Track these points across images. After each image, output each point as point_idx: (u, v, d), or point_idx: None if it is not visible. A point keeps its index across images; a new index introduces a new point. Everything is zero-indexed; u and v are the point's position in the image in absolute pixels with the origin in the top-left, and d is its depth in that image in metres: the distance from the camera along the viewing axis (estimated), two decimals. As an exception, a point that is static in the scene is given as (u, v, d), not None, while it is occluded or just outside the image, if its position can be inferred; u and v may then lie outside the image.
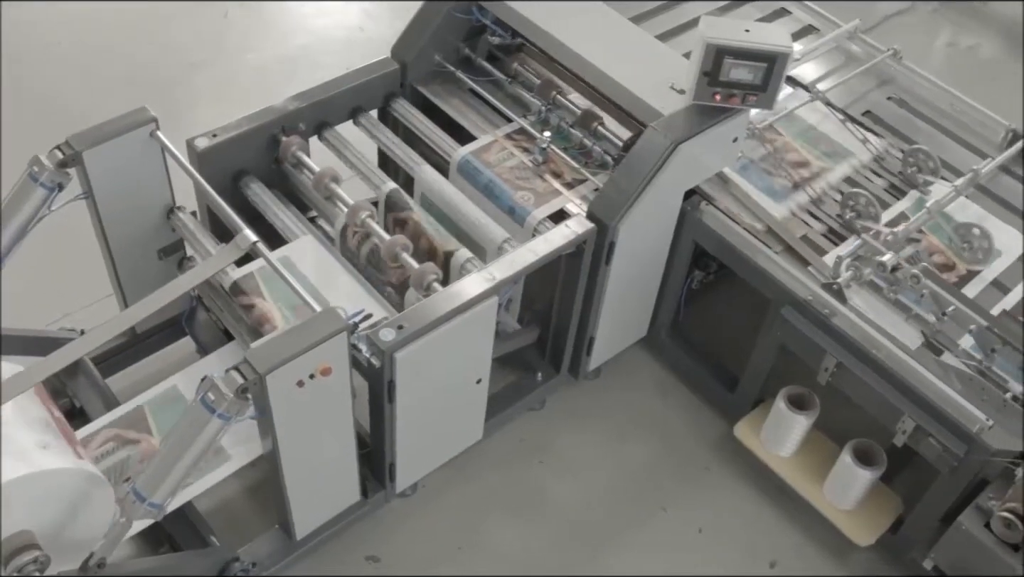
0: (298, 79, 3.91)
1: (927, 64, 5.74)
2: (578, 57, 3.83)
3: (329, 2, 6.12)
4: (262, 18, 5.97)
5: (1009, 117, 4.40)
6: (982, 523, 3.19)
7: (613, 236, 3.52)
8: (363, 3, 6.12)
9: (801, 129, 4.22)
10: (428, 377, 3.28)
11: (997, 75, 6.37)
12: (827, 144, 4.17)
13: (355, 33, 5.86)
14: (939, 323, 3.50)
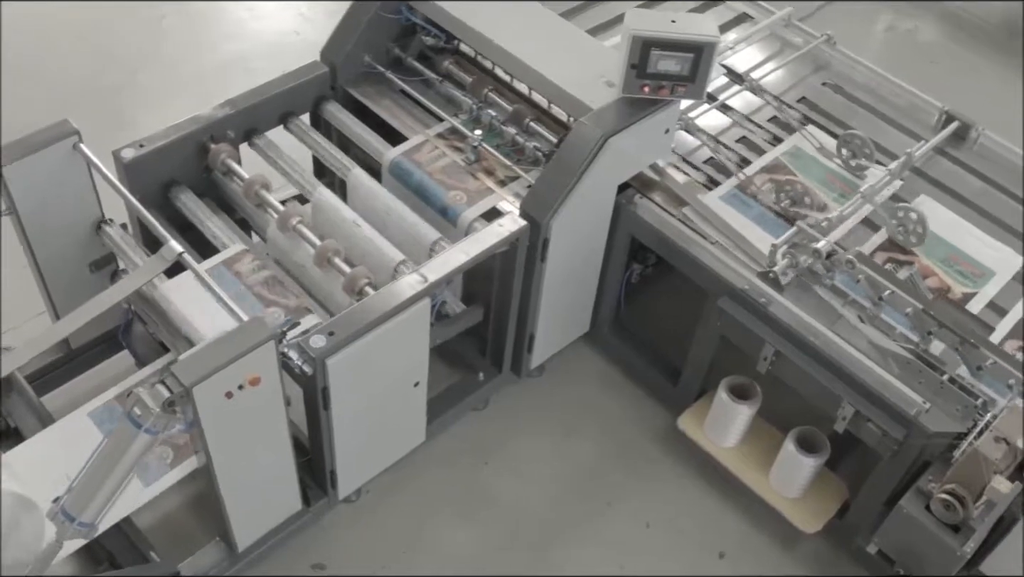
0: (237, 85, 3.85)
1: (866, 49, 5.80)
2: (507, 54, 3.80)
3: (265, 7, 6.07)
4: (198, 24, 5.91)
5: (947, 99, 4.40)
6: (923, 505, 3.19)
7: (546, 233, 3.50)
8: (299, 6, 6.07)
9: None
10: (363, 382, 3.25)
11: (936, 58, 6.39)
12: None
13: (290, 37, 5.81)
14: (876, 308, 3.49)
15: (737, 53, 4.54)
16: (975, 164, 4.25)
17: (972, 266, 3.74)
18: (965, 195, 4.09)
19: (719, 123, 4.21)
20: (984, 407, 3.27)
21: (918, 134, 4.30)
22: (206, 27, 5.92)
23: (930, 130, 4.34)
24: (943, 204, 4.00)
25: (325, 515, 3.71)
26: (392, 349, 3.26)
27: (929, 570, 3.25)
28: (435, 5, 3.92)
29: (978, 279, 3.69)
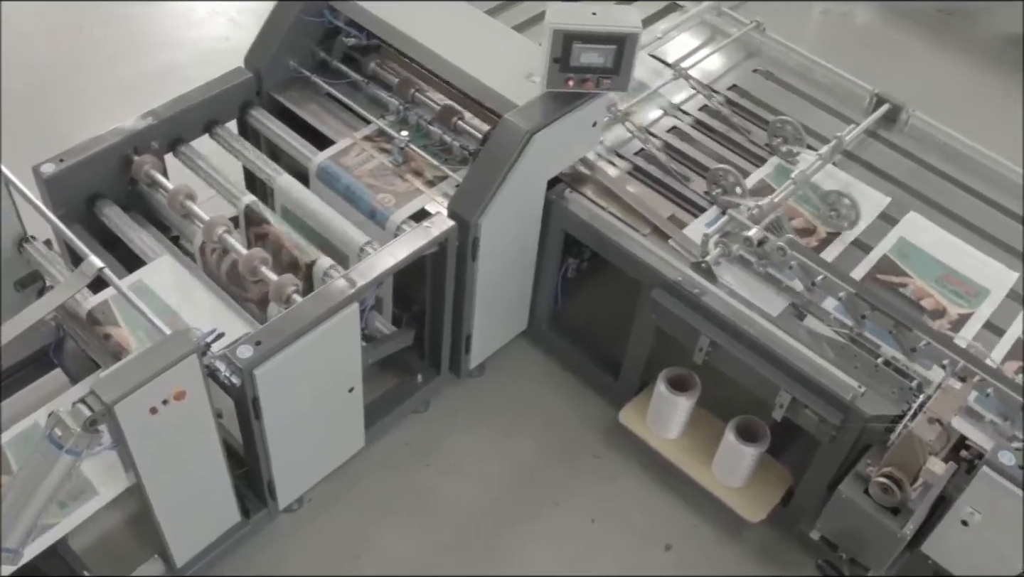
0: (167, 94, 3.79)
1: (802, 33, 5.82)
2: (431, 53, 3.77)
3: (195, 13, 6.00)
4: (126, 33, 5.83)
5: (881, 82, 4.41)
6: (862, 489, 3.18)
7: (476, 232, 3.47)
8: (228, 12, 6.01)
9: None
10: (295, 390, 3.21)
11: (869, 41, 6.42)
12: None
13: (221, 43, 5.75)
14: (809, 293, 3.49)
15: (667, 43, 4.52)
16: (906, 145, 4.26)
17: (966, 285, 3.69)
18: (897, 176, 4.09)
19: (652, 114, 4.18)
20: (920, 388, 3.27)
21: (850, 117, 4.29)
22: (135, 36, 5.84)
23: (862, 113, 4.34)
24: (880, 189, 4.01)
25: (267, 526, 3.67)
26: (322, 356, 3.22)
27: (871, 553, 3.26)
28: (358, 6, 3.88)
29: (973, 298, 3.64)
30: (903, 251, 3.76)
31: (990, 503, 3.03)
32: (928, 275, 3.70)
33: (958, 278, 3.71)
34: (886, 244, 3.78)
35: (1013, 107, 6.08)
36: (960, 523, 3.13)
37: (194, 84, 3.88)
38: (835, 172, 4.02)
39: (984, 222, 3.95)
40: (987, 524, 3.08)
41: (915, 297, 3.61)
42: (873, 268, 3.72)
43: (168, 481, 3.04)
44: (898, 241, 3.79)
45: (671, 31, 4.56)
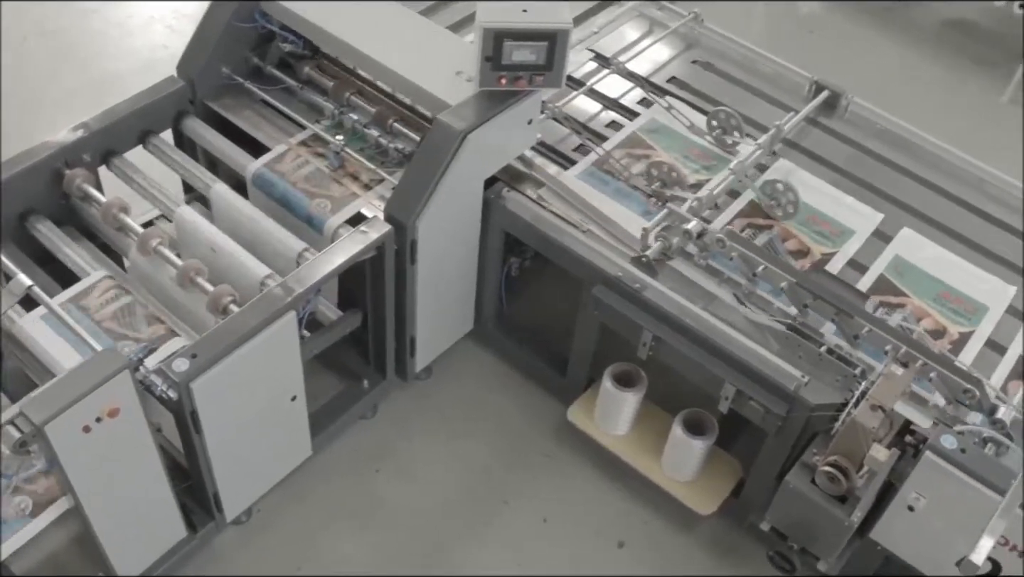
0: (110, 105, 3.74)
1: (748, 23, 5.80)
2: (364, 56, 3.73)
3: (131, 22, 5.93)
4: (64, 44, 5.75)
5: (825, 70, 4.41)
6: (808, 479, 3.18)
7: (413, 235, 3.44)
8: (167, 19, 5.95)
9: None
10: (235, 402, 3.17)
11: (815, 28, 6.43)
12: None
13: (160, 51, 5.68)
14: (751, 284, 3.48)
15: (604, 37, 4.50)
16: (846, 131, 4.26)
17: (965, 302, 3.66)
18: (837, 163, 4.10)
19: (589, 109, 4.16)
20: (863, 375, 3.26)
21: (790, 106, 4.29)
22: (76, 47, 5.77)
23: (802, 101, 4.34)
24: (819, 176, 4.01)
25: (215, 539, 3.63)
26: (261, 366, 3.19)
27: (821, 542, 3.26)
28: (290, 10, 3.83)
29: (972, 315, 3.60)
30: (899, 269, 3.71)
31: (934, 488, 3.04)
32: (926, 294, 3.64)
33: (956, 295, 3.67)
34: (881, 263, 3.75)
35: (956, 90, 6.11)
36: (907, 508, 3.13)
37: (133, 93, 3.83)
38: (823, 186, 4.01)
39: (926, 206, 3.96)
40: (932, 508, 3.08)
41: (915, 318, 3.56)
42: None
43: (107, 499, 2.99)
44: (893, 259, 3.75)
45: (608, 25, 4.54)
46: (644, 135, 4.03)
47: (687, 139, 4.04)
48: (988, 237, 3.90)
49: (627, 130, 4.05)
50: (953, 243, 3.84)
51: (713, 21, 4.68)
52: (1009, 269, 3.78)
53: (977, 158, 4.16)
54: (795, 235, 3.74)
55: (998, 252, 3.84)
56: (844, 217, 3.84)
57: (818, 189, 3.92)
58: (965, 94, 6.14)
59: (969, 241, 3.87)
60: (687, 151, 3.99)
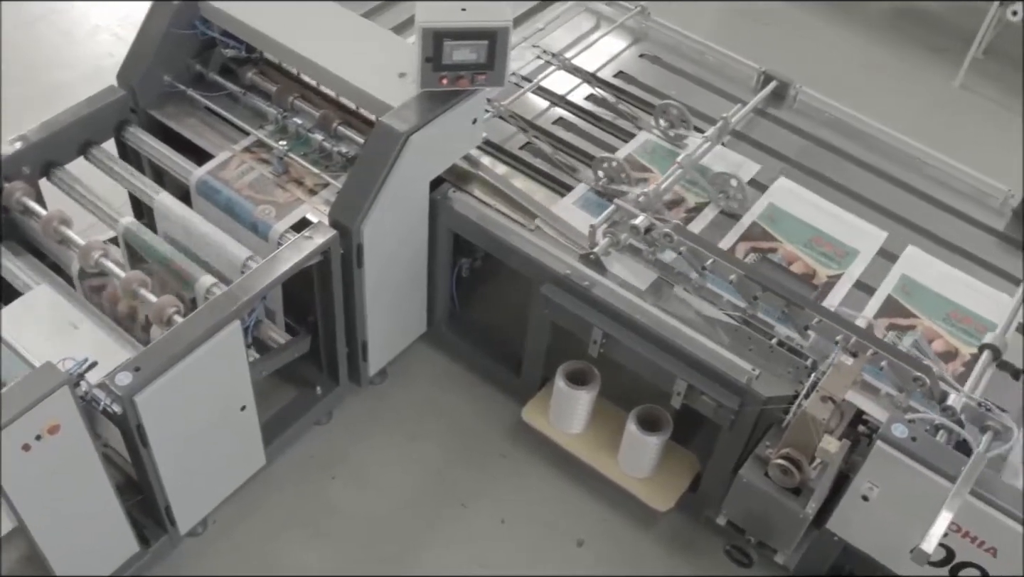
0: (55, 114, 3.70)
1: (700, 16, 5.78)
2: (305, 60, 3.69)
3: (76, 31, 5.87)
4: (11, 53, 5.66)
5: (777, 61, 4.40)
6: (762, 472, 3.16)
7: (358, 239, 3.41)
8: (112, 27, 5.88)
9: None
10: (182, 414, 3.14)
11: (769, 20, 6.42)
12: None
13: (106, 60, 5.62)
14: (700, 278, 3.46)
15: (550, 33, 4.47)
16: (796, 122, 4.26)
17: (972, 320, 3.58)
18: (787, 154, 4.09)
19: (537, 106, 4.14)
20: (814, 367, 3.25)
21: (739, 97, 4.28)
22: (24, 55, 5.68)
23: (751, 92, 4.33)
24: (768, 166, 4.00)
25: (170, 552, 3.58)
26: (207, 376, 3.15)
27: (777, 534, 3.25)
28: (230, 15, 3.79)
29: (981, 333, 3.51)
30: (907, 289, 3.64)
31: (887, 477, 3.03)
32: (936, 314, 3.56)
33: (965, 314, 3.58)
34: (888, 283, 3.67)
35: (910, 78, 6.13)
36: (861, 498, 3.13)
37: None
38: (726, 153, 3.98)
39: (876, 194, 3.96)
40: (886, 497, 3.08)
41: (926, 339, 3.47)
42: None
43: (53, 517, 2.96)
44: (900, 279, 3.68)
45: (555, 21, 4.51)
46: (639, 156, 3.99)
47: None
48: (932, 220, 3.92)
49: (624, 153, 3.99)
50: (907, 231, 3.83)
51: (665, 15, 4.67)
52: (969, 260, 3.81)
53: (931, 143, 4.17)
54: (800, 258, 3.69)
55: (955, 242, 3.85)
56: (848, 238, 3.77)
57: (819, 207, 3.88)
58: (919, 81, 6.16)
59: (913, 224, 3.89)
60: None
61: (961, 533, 2.98)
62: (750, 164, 3.98)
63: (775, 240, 3.71)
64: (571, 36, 4.51)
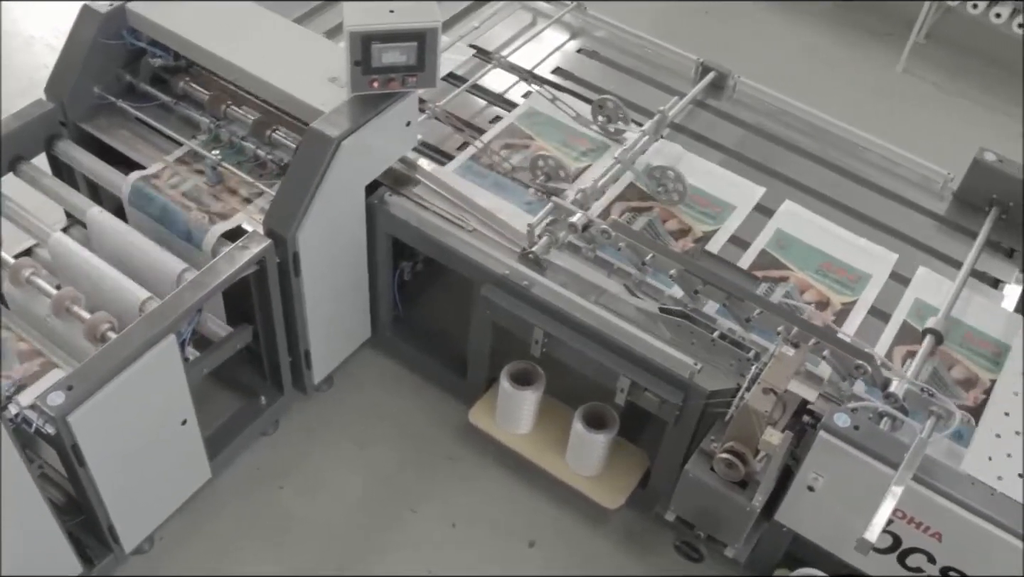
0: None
1: (639, 8, 5.76)
2: (234, 67, 3.64)
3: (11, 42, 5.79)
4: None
5: (720, 52, 4.39)
6: (707, 467, 3.15)
7: (294, 247, 3.37)
8: (47, 38, 5.81)
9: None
10: (119, 431, 3.09)
11: (712, 11, 6.42)
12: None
13: (41, 72, 5.52)
14: (640, 274, 3.44)
15: (486, 31, 4.44)
16: (735, 112, 4.25)
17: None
18: (726, 144, 4.08)
19: (474, 106, 4.11)
20: (757, 358, 3.24)
21: (678, 90, 4.27)
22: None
23: (690, 84, 4.31)
24: (708, 158, 4.00)
25: (116, 571, 3.53)
26: (143, 392, 3.10)
27: (726, 528, 3.23)
28: (158, 24, 3.74)
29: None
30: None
31: (831, 467, 3.03)
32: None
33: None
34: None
35: (855, 64, 6.14)
36: (807, 489, 3.12)
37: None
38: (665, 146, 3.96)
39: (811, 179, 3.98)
40: (832, 487, 3.08)
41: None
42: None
43: (-15, 543, 2.91)
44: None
45: (490, 19, 4.48)
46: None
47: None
48: (873, 206, 3.92)
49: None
50: (838, 214, 3.85)
51: (603, 10, 4.65)
52: (893, 236, 3.80)
53: (874, 129, 4.18)
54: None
55: (885, 221, 3.85)
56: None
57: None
58: (863, 68, 6.17)
59: (853, 211, 3.89)
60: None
61: (906, 520, 2.98)
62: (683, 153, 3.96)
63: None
64: (508, 34, 4.48)
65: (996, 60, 6.18)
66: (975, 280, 3.67)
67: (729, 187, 3.86)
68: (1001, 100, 6.00)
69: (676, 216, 3.70)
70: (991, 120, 5.85)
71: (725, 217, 3.74)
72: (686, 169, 3.75)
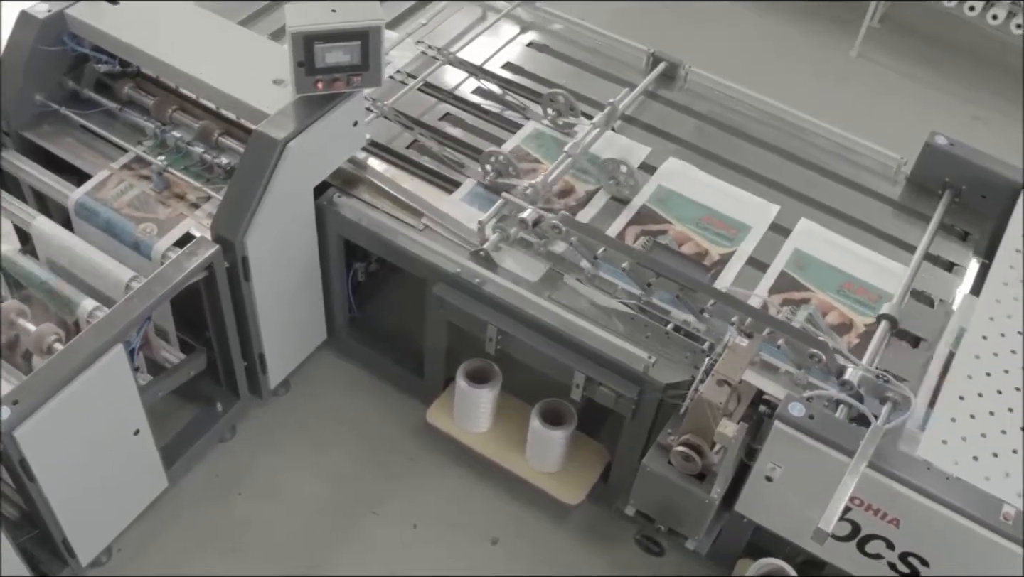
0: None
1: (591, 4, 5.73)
2: (177, 71, 3.60)
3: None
4: None
5: (676, 42, 4.37)
6: (665, 460, 3.13)
7: (242, 251, 3.34)
8: None
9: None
10: (69, 444, 3.05)
11: (666, 2, 6.40)
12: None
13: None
14: (593, 268, 3.43)
15: (435, 28, 4.40)
16: (688, 102, 4.23)
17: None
18: (680, 135, 4.06)
19: (423, 103, 4.08)
20: (712, 349, 3.23)
21: (630, 81, 4.24)
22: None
23: (641, 75, 4.29)
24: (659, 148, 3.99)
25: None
26: (93, 403, 3.06)
27: (686, 521, 3.22)
28: (99, 30, 3.68)
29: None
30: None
31: (787, 456, 3.02)
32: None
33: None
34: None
35: (812, 52, 6.15)
36: (765, 479, 3.11)
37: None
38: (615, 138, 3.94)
39: (770, 170, 3.96)
40: (789, 477, 3.07)
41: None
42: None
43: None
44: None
45: (438, 15, 4.44)
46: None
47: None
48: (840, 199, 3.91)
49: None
50: (804, 207, 3.83)
51: (553, 3, 4.61)
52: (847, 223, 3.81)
53: (830, 115, 4.17)
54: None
55: (838, 207, 3.86)
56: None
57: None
58: (819, 54, 6.18)
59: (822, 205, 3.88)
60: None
61: (864, 507, 2.97)
62: (640, 148, 3.94)
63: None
64: (457, 29, 4.44)
65: (949, 43, 6.20)
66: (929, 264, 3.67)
67: (741, 206, 3.79)
68: (954, 83, 6.02)
69: (693, 239, 3.65)
70: (946, 104, 5.87)
71: (741, 239, 3.68)
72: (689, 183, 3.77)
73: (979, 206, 3.84)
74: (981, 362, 3.19)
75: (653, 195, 3.75)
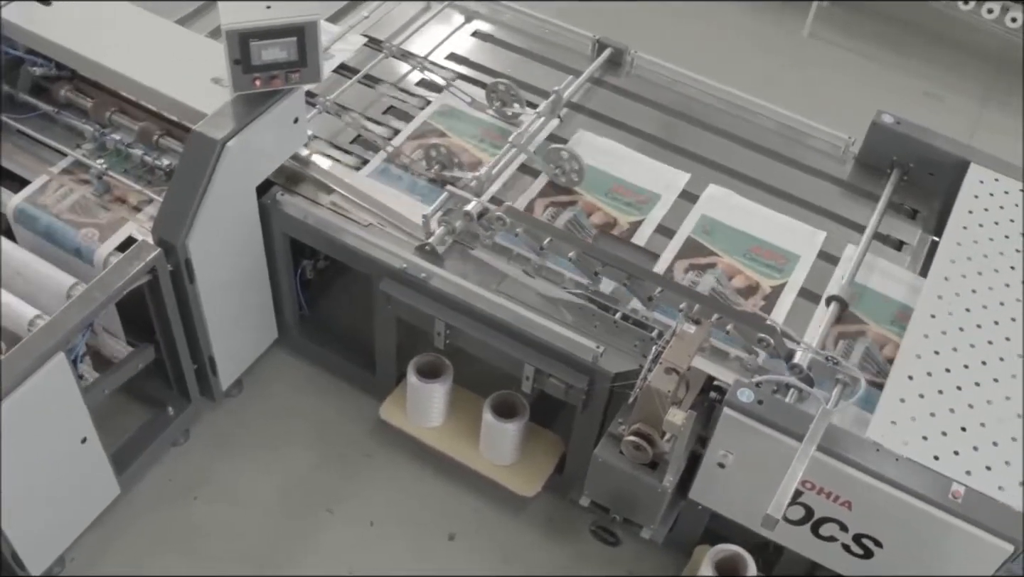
0: None
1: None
2: (113, 72, 3.54)
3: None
4: None
5: (623, 28, 4.34)
6: (616, 450, 3.12)
7: (185, 254, 3.30)
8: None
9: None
10: (12, 455, 2.99)
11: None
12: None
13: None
14: (540, 259, 3.41)
15: (378, 21, 4.35)
16: (635, 88, 4.21)
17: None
18: (627, 122, 4.04)
19: (367, 97, 4.04)
20: (660, 337, 3.21)
21: (576, 68, 4.21)
22: None
23: (587, 62, 4.26)
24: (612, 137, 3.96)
25: (26, 595, 3.46)
26: (35, 414, 3.02)
27: (640, 510, 3.21)
28: (31, 32, 3.62)
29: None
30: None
31: (738, 442, 3.02)
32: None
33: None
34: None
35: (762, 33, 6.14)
36: (718, 466, 3.11)
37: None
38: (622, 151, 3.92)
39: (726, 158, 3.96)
40: (741, 463, 3.07)
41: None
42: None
43: None
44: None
45: (380, 8, 4.40)
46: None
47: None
48: (790, 181, 3.90)
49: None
50: (757, 192, 3.82)
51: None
52: (817, 213, 3.79)
53: (783, 96, 4.17)
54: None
55: (803, 196, 3.85)
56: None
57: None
58: (771, 34, 6.17)
59: (773, 189, 3.86)
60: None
61: (816, 490, 2.97)
62: (598, 139, 3.93)
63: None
64: (400, 21, 4.39)
65: (900, 20, 6.21)
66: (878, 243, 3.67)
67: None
68: (905, 59, 6.03)
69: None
70: (899, 81, 5.88)
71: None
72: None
73: (927, 183, 3.84)
74: (930, 341, 3.19)
75: (698, 225, 3.70)
